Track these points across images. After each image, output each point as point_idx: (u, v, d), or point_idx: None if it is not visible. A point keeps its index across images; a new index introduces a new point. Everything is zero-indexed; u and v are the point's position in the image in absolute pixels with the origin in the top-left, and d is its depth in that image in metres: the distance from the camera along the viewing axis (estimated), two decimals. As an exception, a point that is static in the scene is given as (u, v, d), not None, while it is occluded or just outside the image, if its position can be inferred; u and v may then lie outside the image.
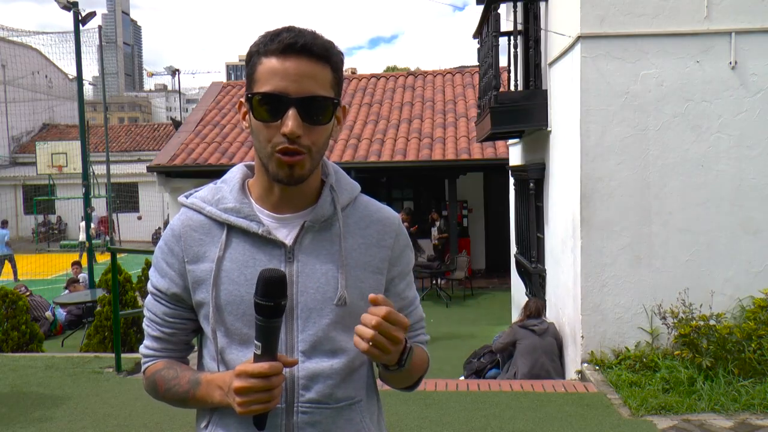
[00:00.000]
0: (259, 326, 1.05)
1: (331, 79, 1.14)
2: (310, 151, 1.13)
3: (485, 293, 12.37)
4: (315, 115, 1.11)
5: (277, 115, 1.10)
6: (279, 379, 1.06)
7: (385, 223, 1.28)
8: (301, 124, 1.09)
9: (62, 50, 17.05)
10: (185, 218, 1.24)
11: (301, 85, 1.10)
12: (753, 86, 5.13)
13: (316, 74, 1.11)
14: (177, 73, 38.19)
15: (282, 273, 1.06)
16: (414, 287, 1.37)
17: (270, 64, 1.11)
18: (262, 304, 1.04)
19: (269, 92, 1.10)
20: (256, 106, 1.12)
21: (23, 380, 5.44)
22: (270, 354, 1.06)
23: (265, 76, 1.11)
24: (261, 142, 1.13)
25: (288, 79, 1.09)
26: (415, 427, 4.20)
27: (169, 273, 1.23)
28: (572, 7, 5.38)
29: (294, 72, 1.10)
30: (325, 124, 1.14)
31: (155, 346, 1.27)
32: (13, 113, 27.92)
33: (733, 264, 5.21)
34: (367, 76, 17.46)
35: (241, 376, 1.05)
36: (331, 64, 1.14)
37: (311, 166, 1.15)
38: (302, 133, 1.10)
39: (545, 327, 5.92)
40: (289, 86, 1.09)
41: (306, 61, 1.10)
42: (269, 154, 1.13)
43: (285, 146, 1.10)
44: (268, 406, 1.06)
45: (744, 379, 4.62)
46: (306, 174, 1.15)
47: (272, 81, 1.10)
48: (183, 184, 13.90)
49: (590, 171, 5.27)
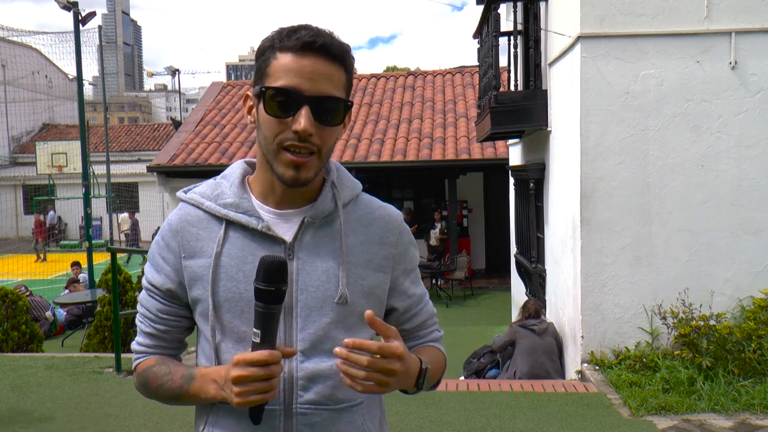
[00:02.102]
0: (259, 313, 1.04)
1: (344, 81, 1.14)
2: (320, 152, 1.12)
3: (485, 293, 12.37)
4: (327, 116, 1.10)
5: (288, 111, 1.09)
6: (278, 369, 1.04)
7: (388, 220, 1.26)
8: (313, 123, 1.08)
9: (62, 50, 17.02)
10: (183, 213, 1.22)
11: (317, 84, 1.09)
12: (753, 86, 5.13)
13: (331, 75, 1.11)
14: (177, 73, 38.21)
15: (283, 258, 1.05)
16: (422, 284, 1.34)
17: (285, 60, 1.09)
18: (262, 289, 1.03)
19: (284, 87, 1.09)
20: (268, 100, 1.10)
21: (23, 380, 5.44)
22: (269, 343, 1.04)
23: (279, 71, 1.09)
24: (267, 137, 1.12)
25: (303, 76, 1.08)
26: (415, 427, 4.20)
27: (164, 268, 1.21)
28: (572, 7, 5.38)
29: (310, 70, 1.09)
30: (336, 126, 1.13)
31: (148, 342, 1.25)
32: (13, 113, 27.90)
33: (733, 264, 5.21)
34: (367, 76, 17.46)
35: (240, 364, 1.03)
36: (346, 67, 1.14)
37: (317, 169, 1.14)
38: (313, 132, 1.09)
39: (545, 327, 5.92)
40: (304, 84, 1.08)
41: (323, 61, 1.10)
42: (275, 151, 1.11)
43: (294, 143, 1.09)
44: (266, 396, 1.05)
45: (744, 379, 4.62)
46: (312, 177, 1.14)
47: (287, 77, 1.09)
48: (183, 184, 13.79)
49: (590, 171, 5.27)
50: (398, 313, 1.30)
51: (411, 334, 1.32)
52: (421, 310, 1.32)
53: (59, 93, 30.80)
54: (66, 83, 31.22)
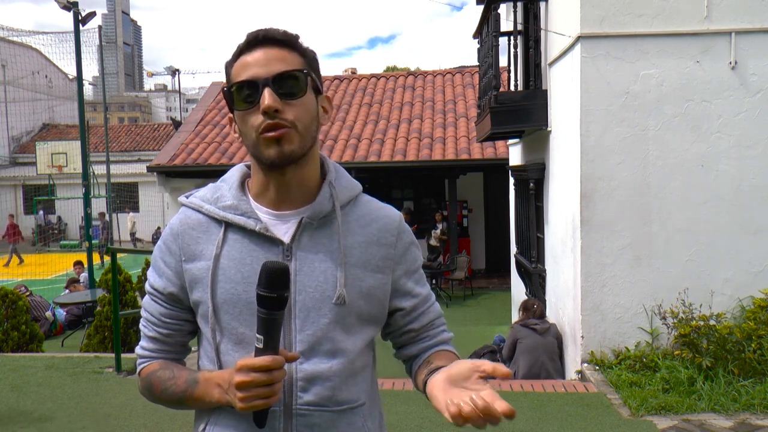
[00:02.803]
0: (262, 319, 1.04)
1: (300, 61, 1.16)
2: (295, 127, 1.12)
3: (485, 293, 12.37)
4: (289, 89, 1.12)
5: (254, 100, 1.12)
6: (281, 374, 1.05)
7: (387, 221, 1.26)
8: (277, 99, 1.10)
9: (62, 50, 17.02)
10: (184, 217, 1.23)
11: (270, 67, 1.12)
12: (753, 86, 5.13)
13: (284, 57, 1.14)
14: (177, 73, 38.24)
15: (285, 264, 1.05)
16: (426, 284, 1.34)
17: (240, 62, 1.15)
18: (264, 295, 1.02)
19: (242, 80, 1.12)
20: (235, 98, 1.14)
21: (23, 380, 5.44)
22: (272, 348, 1.04)
23: (237, 73, 1.14)
24: (247, 133, 1.14)
25: (258, 65, 1.12)
26: (415, 427, 4.20)
27: (166, 272, 1.22)
28: (572, 7, 5.38)
29: (262, 58, 1.13)
30: (302, 97, 1.14)
31: (151, 346, 1.25)
32: (13, 113, 27.91)
33: (733, 264, 5.21)
34: (367, 76, 17.47)
35: (243, 370, 1.04)
36: (298, 50, 1.17)
37: (300, 142, 1.14)
38: (281, 108, 1.11)
39: (547, 326, 5.92)
40: (259, 71, 1.12)
41: (271, 48, 1.14)
42: (255, 140, 1.13)
43: (267, 123, 1.11)
44: (269, 401, 1.05)
45: (744, 379, 4.62)
46: (297, 150, 1.13)
47: (244, 72, 1.13)
48: (183, 184, 13.91)
49: (590, 171, 5.27)
50: (404, 312, 1.29)
51: (420, 333, 1.32)
52: (428, 309, 1.32)
53: (59, 93, 30.80)
54: (66, 83, 31.22)
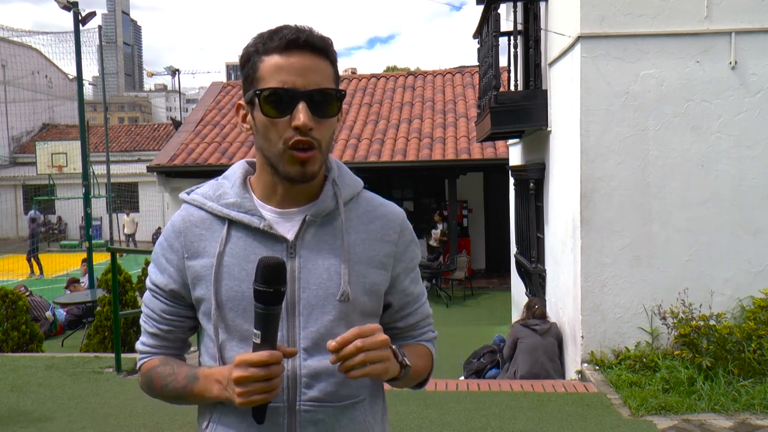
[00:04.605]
0: (259, 314, 1.04)
1: (332, 72, 1.15)
2: (320, 146, 1.13)
3: (485, 293, 12.37)
4: (323, 108, 1.12)
5: (285, 110, 1.10)
6: (279, 369, 1.05)
7: (390, 217, 1.26)
8: (311, 117, 1.09)
9: (62, 50, 17.02)
10: (186, 214, 1.23)
11: (308, 78, 1.10)
12: (753, 86, 5.13)
13: (320, 68, 1.12)
14: (177, 73, 38.24)
15: (281, 259, 1.05)
16: (421, 283, 1.35)
17: (273, 61, 1.11)
18: (261, 290, 1.03)
19: (277, 87, 1.10)
20: (263, 103, 1.11)
21: (23, 380, 5.44)
22: (269, 343, 1.05)
23: (269, 73, 1.10)
24: (271, 140, 1.12)
25: (294, 73, 1.09)
26: (415, 427, 4.20)
27: (168, 269, 1.22)
28: (572, 7, 5.39)
29: (299, 66, 1.10)
30: (332, 117, 1.14)
31: (152, 342, 1.26)
32: (13, 113, 27.89)
33: (733, 264, 5.21)
34: (367, 76, 17.47)
35: (241, 365, 1.04)
36: (331, 59, 1.15)
37: (321, 161, 1.15)
38: (313, 126, 1.10)
39: (547, 327, 5.92)
40: (296, 80, 1.09)
41: (309, 55, 1.11)
42: (281, 151, 1.12)
43: (298, 139, 1.10)
44: (268, 396, 1.06)
45: (744, 379, 4.62)
46: (317, 171, 1.15)
47: (278, 77, 1.10)
48: (183, 184, 13.90)
49: (590, 171, 5.27)
50: (392, 310, 1.30)
51: (404, 332, 1.33)
52: (417, 310, 1.33)
53: (59, 93, 30.80)
54: (66, 83, 31.21)
